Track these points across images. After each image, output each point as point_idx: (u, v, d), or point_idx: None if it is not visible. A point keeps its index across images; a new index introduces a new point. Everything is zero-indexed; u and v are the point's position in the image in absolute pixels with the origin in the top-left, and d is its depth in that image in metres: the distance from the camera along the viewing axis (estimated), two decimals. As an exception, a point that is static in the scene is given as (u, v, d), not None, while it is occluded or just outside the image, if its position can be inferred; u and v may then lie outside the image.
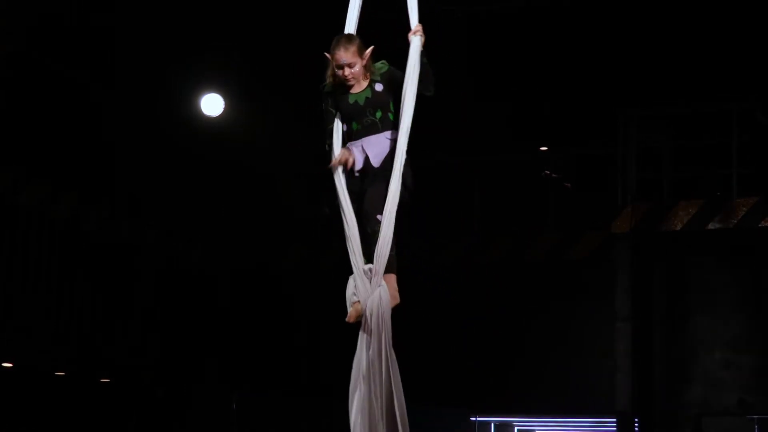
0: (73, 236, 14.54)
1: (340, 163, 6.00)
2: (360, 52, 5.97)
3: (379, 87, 6.02)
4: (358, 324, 5.98)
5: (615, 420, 13.53)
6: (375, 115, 6.03)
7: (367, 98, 6.02)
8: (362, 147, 6.02)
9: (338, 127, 6.09)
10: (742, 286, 13.45)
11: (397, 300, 6.01)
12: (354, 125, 6.06)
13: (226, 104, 14.00)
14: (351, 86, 6.02)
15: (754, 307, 13.38)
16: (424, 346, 14.69)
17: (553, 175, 16.11)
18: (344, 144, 6.09)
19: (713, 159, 13.75)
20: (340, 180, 6.01)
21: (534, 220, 15.96)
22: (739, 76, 14.00)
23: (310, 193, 16.29)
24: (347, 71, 5.96)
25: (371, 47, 6.04)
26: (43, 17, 12.79)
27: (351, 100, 6.03)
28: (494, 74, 14.82)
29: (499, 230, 16.08)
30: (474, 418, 15.18)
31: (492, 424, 15.38)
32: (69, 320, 14.51)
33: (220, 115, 14.03)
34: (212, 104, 13.98)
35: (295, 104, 14.08)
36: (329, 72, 6.04)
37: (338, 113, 6.09)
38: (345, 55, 5.94)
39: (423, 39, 6.01)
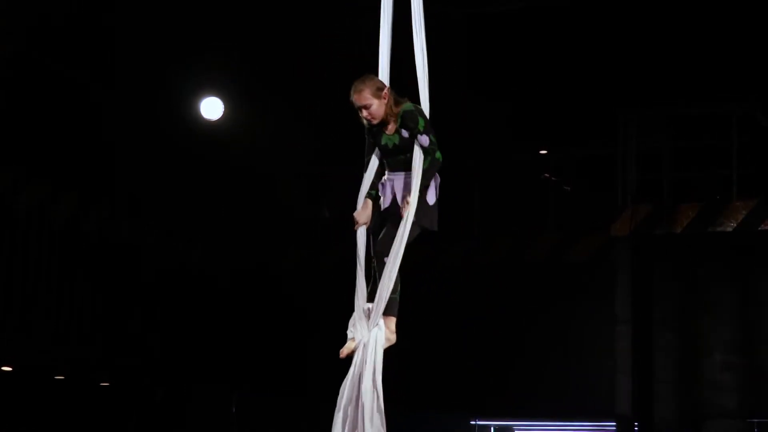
0: (73, 236, 14.53)
1: (363, 224, 6.13)
2: (375, 93, 6.00)
3: (405, 133, 6.08)
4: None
5: (614, 423, 13.50)
6: (406, 155, 6.11)
7: (395, 144, 6.09)
8: (392, 188, 6.13)
9: (373, 164, 6.17)
10: (742, 288, 13.41)
11: (392, 341, 6.11)
12: (389, 160, 6.16)
13: (225, 106, 13.99)
14: (386, 125, 6.08)
15: (754, 310, 13.35)
16: (424, 347, 14.67)
17: (553, 178, 16.10)
18: (378, 176, 6.20)
19: (713, 160, 13.73)
20: (361, 236, 6.12)
21: (534, 220, 15.95)
22: (739, 77, 13.99)
23: (310, 193, 16.28)
24: (365, 113, 6.03)
25: (386, 86, 6.07)
26: (43, 17, 12.79)
27: (383, 141, 6.12)
28: (494, 74, 14.80)
29: (500, 231, 16.07)
30: (474, 422, 15.17)
31: (492, 428, 15.37)
32: (69, 320, 14.51)
33: (219, 118, 14.02)
34: (212, 108, 13.96)
35: (295, 104, 14.11)
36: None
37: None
38: (359, 98, 6.01)
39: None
